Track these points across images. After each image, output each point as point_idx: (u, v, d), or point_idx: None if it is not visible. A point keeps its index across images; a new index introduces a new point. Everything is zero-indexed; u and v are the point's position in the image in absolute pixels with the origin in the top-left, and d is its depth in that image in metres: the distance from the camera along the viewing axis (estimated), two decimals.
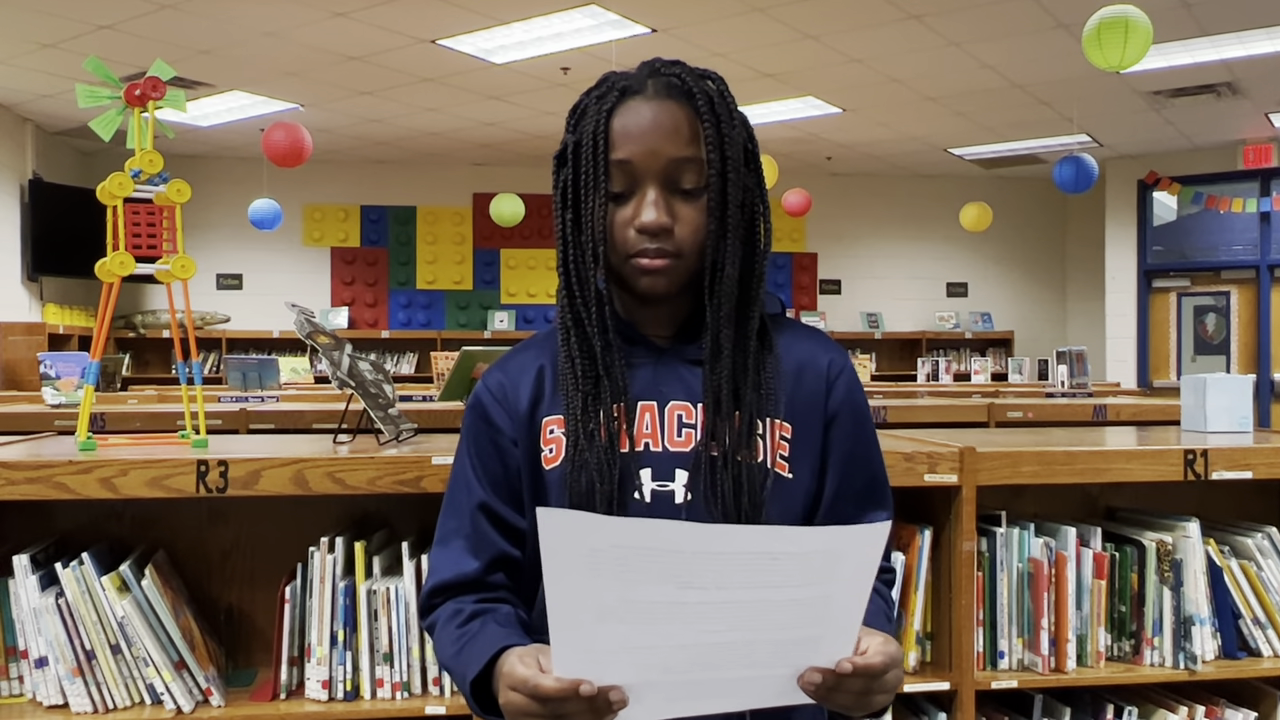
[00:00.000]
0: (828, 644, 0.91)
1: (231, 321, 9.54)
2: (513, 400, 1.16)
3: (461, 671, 1.04)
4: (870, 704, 0.95)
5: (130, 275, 1.84)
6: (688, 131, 1.08)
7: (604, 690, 0.87)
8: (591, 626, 0.87)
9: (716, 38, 6.06)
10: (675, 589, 0.86)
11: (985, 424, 3.84)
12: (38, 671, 1.67)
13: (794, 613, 0.89)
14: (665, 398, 1.12)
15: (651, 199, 1.07)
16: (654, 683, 0.89)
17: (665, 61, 1.12)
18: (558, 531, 0.84)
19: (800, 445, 1.13)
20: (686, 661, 0.89)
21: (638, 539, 0.86)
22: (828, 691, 0.92)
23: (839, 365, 1.18)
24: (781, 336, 1.16)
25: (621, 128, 1.08)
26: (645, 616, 0.87)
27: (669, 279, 1.09)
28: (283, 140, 5.96)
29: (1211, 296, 9.60)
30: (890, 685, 0.95)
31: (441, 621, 1.12)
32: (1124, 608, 1.94)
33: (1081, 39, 4.42)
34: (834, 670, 0.91)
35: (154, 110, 1.87)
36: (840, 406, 1.16)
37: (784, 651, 0.91)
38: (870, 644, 0.94)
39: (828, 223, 10.50)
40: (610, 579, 0.85)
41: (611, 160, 1.08)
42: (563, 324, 1.12)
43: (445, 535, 1.16)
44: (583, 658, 0.88)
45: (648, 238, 1.07)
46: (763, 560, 0.87)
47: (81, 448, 1.78)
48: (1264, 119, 8.10)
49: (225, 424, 3.20)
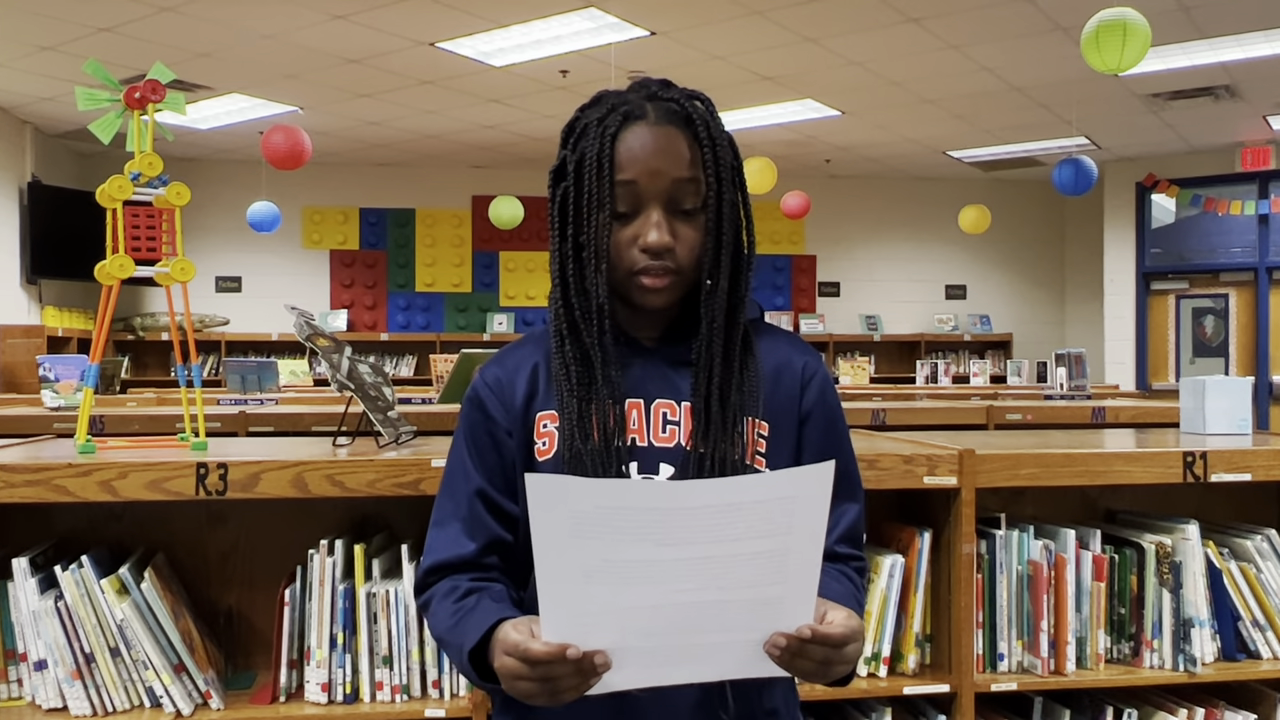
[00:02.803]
0: (790, 606, 0.98)
1: (230, 324, 9.54)
2: (509, 394, 1.22)
3: (459, 642, 1.09)
4: (830, 673, 1.02)
5: (130, 278, 1.84)
6: (688, 156, 1.15)
7: (589, 654, 0.94)
8: (577, 589, 0.94)
9: (715, 40, 6.07)
10: (652, 547, 0.93)
11: (984, 426, 3.84)
12: (37, 674, 1.67)
13: (757, 567, 0.95)
14: (651, 396, 1.19)
15: (655, 220, 1.14)
16: (634, 648, 0.96)
17: (657, 83, 1.20)
18: (545, 495, 0.91)
19: (777, 442, 1.20)
20: (666, 623, 0.96)
21: (617, 499, 0.93)
22: (791, 657, 0.99)
23: (813, 368, 1.26)
24: (762, 341, 1.24)
25: (627, 151, 1.14)
26: (626, 576, 0.94)
27: (669, 294, 1.17)
28: (282, 143, 5.96)
29: (1210, 299, 9.61)
30: (850, 657, 1.02)
31: (438, 597, 1.17)
32: (1123, 610, 1.94)
33: (1080, 42, 4.42)
34: (796, 636, 0.97)
35: (153, 113, 1.87)
36: (814, 406, 1.24)
37: (752, 613, 0.97)
38: (835, 616, 1.01)
39: (827, 225, 10.50)
40: (593, 539, 0.92)
41: (616, 181, 1.14)
42: (557, 329, 1.19)
43: (442, 518, 1.21)
44: (569, 621, 0.95)
45: (651, 256, 1.14)
46: (725, 512, 0.93)
47: (81, 450, 1.78)
48: (1262, 121, 8.11)
49: (224, 427, 3.20)
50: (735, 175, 1.19)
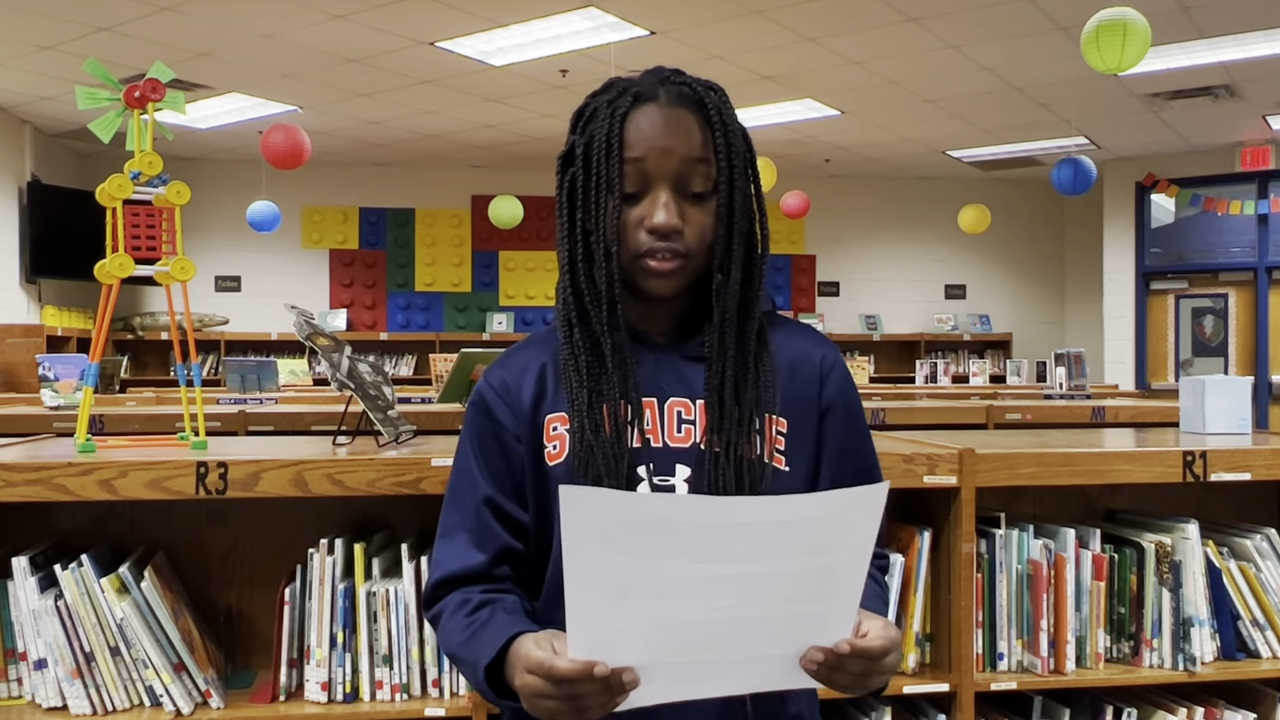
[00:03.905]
0: (830, 621, 0.94)
1: (230, 323, 9.54)
2: (515, 397, 1.17)
3: (473, 658, 1.05)
4: (869, 684, 0.99)
5: (129, 277, 1.84)
6: (699, 138, 1.12)
7: (617, 671, 0.90)
8: (607, 605, 0.89)
9: (715, 40, 6.07)
10: (690, 563, 0.88)
11: (984, 426, 3.84)
12: (37, 673, 1.67)
13: (800, 584, 0.91)
14: (665, 394, 1.15)
15: (664, 200, 1.10)
16: (665, 663, 0.92)
17: (670, 70, 1.17)
18: (578, 508, 0.86)
19: (796, 439, 1.16)
20: (699, 639, 0.91)
21: (655, 513, 0.88)
22: (829, 671, 0.95)
23: (831, 360, 1.22)
24: (776, 334, 1.20)
25: (636, 130, 1.11)
26: (661, 592, 0.89)
27: (676, 280, 1.13)
28: (281, 142, 5.96)
29: (1209, 298, 9.61)
30: (889, 667, 0.99)
31: (449, 611, 1.13)
32: (1123, 609, 1.94)
33: (1080, 41, 4.42)
34: (834, 650, 0.94)
35: (153, 112, 1.87)
36: (834, 400, 1.20)
37: (790, 628, 0.93)
38: (871, 627, 0.98)
39: (826, 225, 10.50)
40: (627, 554, 0.88)
41: (626, 160, 1.11)
42: (565, 321, 1.15)
43: (450, 529, 1.17)
44: (598, 638, 0.90)
45: (658, 238, 1.10)
46: (772, 530, 0.89)
47: (81, 449, 1.78)
48: (1261, 121, 8.11)
49: (224, 426, 3.20)
50: (748, 166, 1.16)
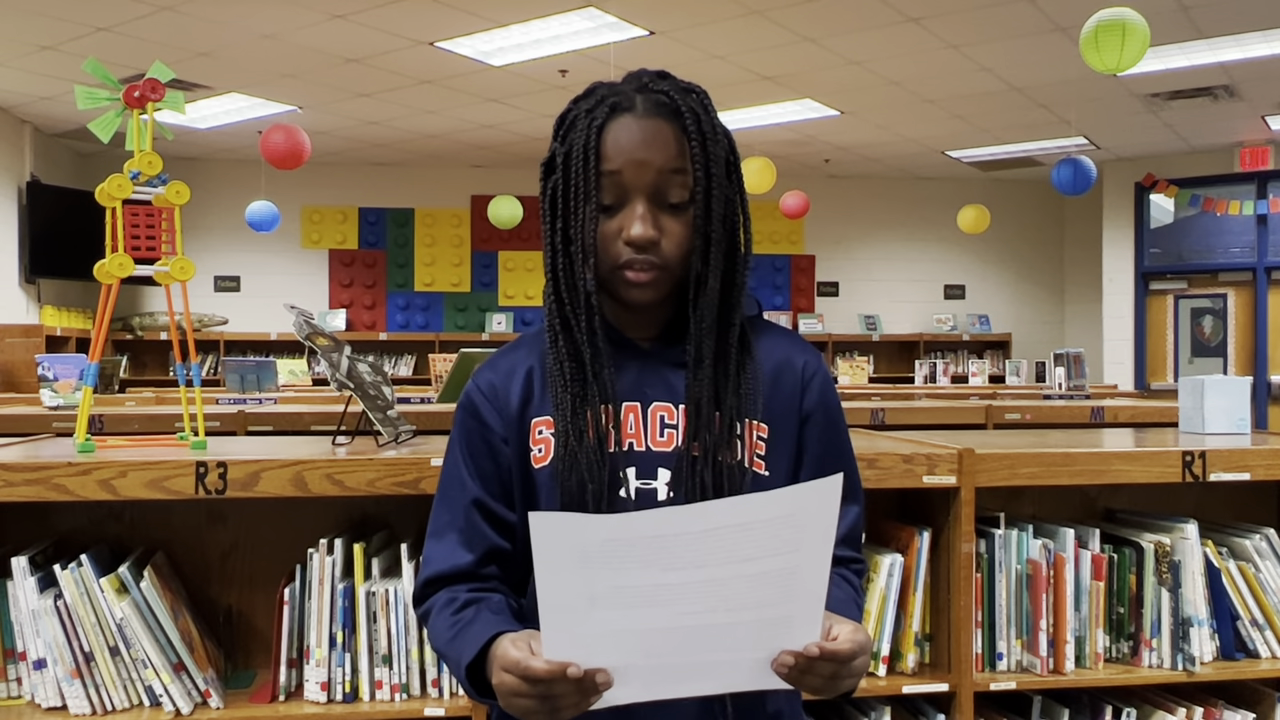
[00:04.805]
0: (797, 623, 0.96)
1: (229, 323, 9.53)
2: (503, 400, 1.19)
3: (456, 656, 1.08)
4: (838, 686, 1.01)
5: (129, 277, 1.84)
6: (675, 148, 1.12)
7: (590, 672, 0.93)
8: (580, 614, 0.93)
9: (715, 40, 6.07)
10: (659, 572, 0.92)
11: (983, 426, 3.84)
12: (36, 673, 1.67)
13: (765, 587, 0.94)
14: (649, 399, 1.17)
15: (640, 213, 1.11)
16: (638, 665, 0.95)
17: (652, 75, 1.16)
18: (549, 533, 0.90)
19: (776, 445, 1.18)
20: (670, 644, 0.95)
21: (625, 532, 0.92)
22: (799, 674, 0.98)
23: (813, 367, 1.23)
24: (759, 339, 1.21)
25: (613, 142, 1.11)
26: (632, 602, 0.93)
27: (654, 290, 1.14)
28: (281, 142, 5.96)
29: (1209, 299, 9.61)
30: (858, 670, 1.01)
31: (436, 609, 1.15)
32: (1122, 609, 1.94)
33: (1079, 42, 4.43)
34: (804, 654, 0.96)
35: (153, 112, 1.87)
36: (815, 407, 1.21)
37: (758, 632, 0.96)
38: (841, 631, 1.00)
39: (826, 225, 10.50)
40: (599, 570, 0.91)
41: (601, 172, 1.11)
42: (551, 327, 1.16)
43: (439, 528, 1.20)
44: (571, 643, 0.93)
45: (635, 250, 1.11)
46: (736, 533, 0.92)
47: (80, 449, 1.78)
48: (1261, 121, 8.11)
49: (223, 426, 3.19)
50: (730, 171, 1.16)
